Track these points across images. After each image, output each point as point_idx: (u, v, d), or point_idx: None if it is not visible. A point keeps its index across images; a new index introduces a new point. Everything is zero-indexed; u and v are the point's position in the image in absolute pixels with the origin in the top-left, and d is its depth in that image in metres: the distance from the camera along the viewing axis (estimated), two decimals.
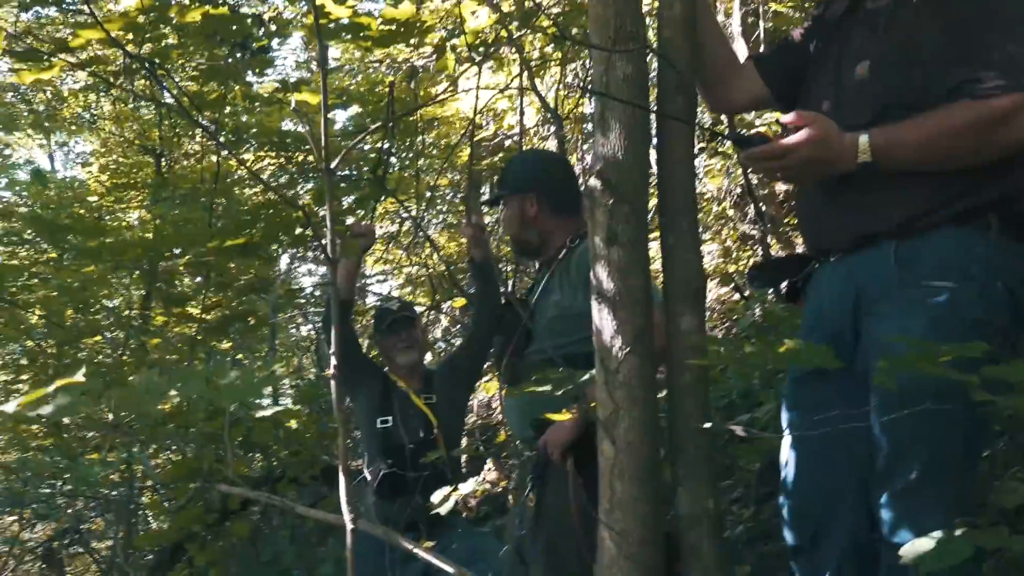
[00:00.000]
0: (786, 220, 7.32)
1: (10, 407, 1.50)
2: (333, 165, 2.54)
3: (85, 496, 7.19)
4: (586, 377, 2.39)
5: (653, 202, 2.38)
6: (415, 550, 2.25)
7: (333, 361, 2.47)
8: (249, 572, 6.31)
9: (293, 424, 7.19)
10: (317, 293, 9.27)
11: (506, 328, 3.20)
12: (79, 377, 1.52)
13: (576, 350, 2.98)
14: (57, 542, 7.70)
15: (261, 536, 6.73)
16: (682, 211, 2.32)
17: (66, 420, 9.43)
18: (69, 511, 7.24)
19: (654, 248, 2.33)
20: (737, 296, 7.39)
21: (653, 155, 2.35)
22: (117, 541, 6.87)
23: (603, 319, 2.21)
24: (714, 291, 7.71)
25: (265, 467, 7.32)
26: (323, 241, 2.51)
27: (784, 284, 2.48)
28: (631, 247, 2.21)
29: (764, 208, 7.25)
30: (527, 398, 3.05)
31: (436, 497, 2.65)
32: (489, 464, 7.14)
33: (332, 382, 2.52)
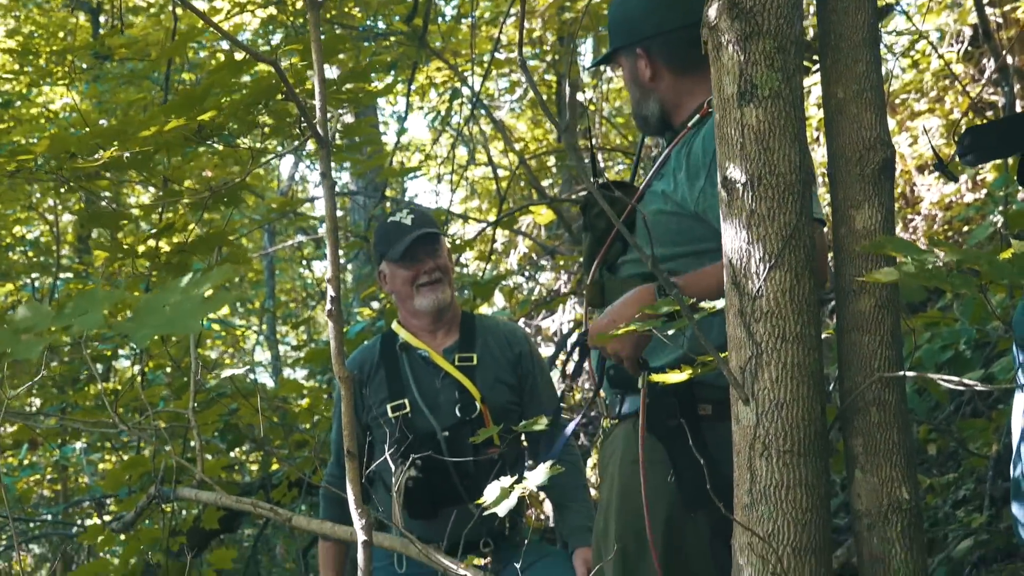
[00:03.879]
0: None
1: None
2: None
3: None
4: (718, 304, 2.37)
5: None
6: (460, 570, 2.28)
7: (330, 292, 2.50)
8: None
9: (305, 402, 7.29)
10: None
11: (597, 224, 3.14)
12: None
13: (687, 266, 2.94)
14: None
15: (257, 568, 6.86)
16: (856, 48, 2.30)
17: None
18: None
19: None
20: (970, 196, 7.25)
21: None
22: None
23: (734, 217, 2.19)
24: (934, 188, 7.58)
25: (260, 469, 7.46)
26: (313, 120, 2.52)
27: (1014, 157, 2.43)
28: (776, 104, 2.19)
29: (1011, 59, 7.07)
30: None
31: (490, 493, 2.63)
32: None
33: (330, 324, 2.55)
